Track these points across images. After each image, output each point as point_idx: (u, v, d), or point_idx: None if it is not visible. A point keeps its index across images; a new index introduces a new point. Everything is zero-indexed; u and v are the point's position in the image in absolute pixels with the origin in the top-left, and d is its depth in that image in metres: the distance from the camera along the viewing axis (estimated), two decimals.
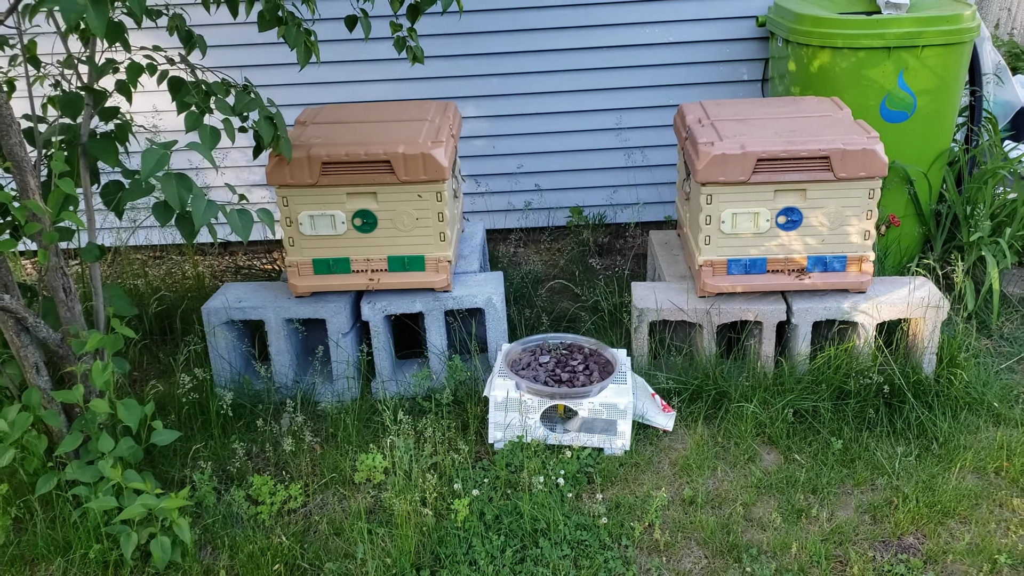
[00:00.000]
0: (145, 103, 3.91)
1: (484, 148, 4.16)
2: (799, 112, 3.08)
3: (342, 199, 2.83)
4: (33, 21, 2.42)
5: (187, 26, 2.53)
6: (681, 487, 2.56)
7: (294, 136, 2.91)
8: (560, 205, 4.28)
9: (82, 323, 2.43)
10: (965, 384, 2.85)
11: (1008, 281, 3.65)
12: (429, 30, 3.84)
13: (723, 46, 3.97)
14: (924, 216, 3.61)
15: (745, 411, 2.76)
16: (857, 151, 2.72)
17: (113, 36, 2.17)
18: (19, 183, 2.23)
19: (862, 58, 3.31)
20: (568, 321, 3.51)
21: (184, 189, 2.11)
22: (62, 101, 2.40)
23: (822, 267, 2.88)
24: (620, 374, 2.76)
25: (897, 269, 3.59)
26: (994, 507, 2.45)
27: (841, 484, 2.55)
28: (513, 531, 2.35)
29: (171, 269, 4.01)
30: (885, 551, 2.31)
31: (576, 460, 2.61)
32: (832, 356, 2.86)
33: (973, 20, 3.35)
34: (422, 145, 2.78)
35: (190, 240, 2.18)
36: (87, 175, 2.42)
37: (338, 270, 2.93)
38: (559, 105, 4.08)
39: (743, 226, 2.84)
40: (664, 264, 3.27)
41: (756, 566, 2.25)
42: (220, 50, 3.83)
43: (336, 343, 2.96)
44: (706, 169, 2.76)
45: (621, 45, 3.97)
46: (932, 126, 3.45)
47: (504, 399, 2.69)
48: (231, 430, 2.81)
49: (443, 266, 2.94)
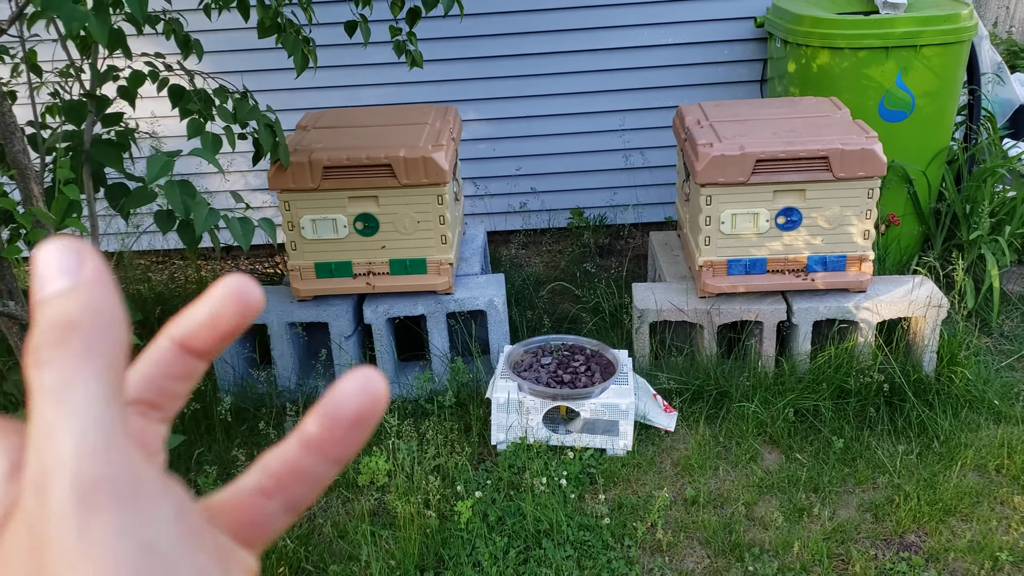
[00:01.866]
0: (144, 109, 3.92)
1: (485, 151, 4.17)
2: (797, 112, 3.09)
3: (343, 203, 2.85)
4: (32, 29, 2.43)
5: (184, 31, 2.55)
6: (683, 487, 2.57)
7: (295, 141, 2.93)
8: (561, 207, 4.29)
9: None
10: (966, 382, 2.85)
11: (1008, 279, 3.66)
12: (431, 34, 3.86)
13: (721, 47, 3.98)
14: (923, 215, 3.62)
15: (746, 411, 2.77)
16: (856, 151, 2.73)
17: (115, 43, 2.19)
18: (23, 190, 2.25)
19: (861, 58, 3.32)
20: (569, 322, 3.52)
21: (187, 196, 2.12)
22: (65, 108, 2.41)
23: (822, 267, 2.89)
24: (622, 375, 2.77)
25: (897, 268, 3.60)
26: (995, 505, 2.45)
27: (842, 483, 2.56)
28: (516, 532, 2.37)
29: (174, 274, 4.03)
30: (887, 549, 2.32)
31: (578, 461, 2.62)
32: (833, 355, 2.87)
33: (971, 19, 3.36)
34: (423, 149, 2.79)
35: (192, 248, 2.19)
36: (90, 182, 2.44)
37: (340, 274, 2.95)
38: (559, 108, 4.09)
39: (743, 227, 2.85)
40: (664, 265, 3.28)
41: (758, 565, 2.26)
42: (220, 55, 3.85)
43: (339, 346, 2.97)
44: (705, 170, 2.77)
45: (620, 47, 3.98)
46: (931, 125, 3.46)
47: (506, 401, 2.70)
48: (234, 434, 2.82)
49: (445, 269, 2.95)
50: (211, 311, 0.30)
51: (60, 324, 0.25)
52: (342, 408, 0.29)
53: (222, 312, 0.30)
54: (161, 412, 0.31)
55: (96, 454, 0.24)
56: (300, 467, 0.30)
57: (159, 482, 0.25)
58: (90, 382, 0.25)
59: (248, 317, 0.30)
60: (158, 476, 0.26)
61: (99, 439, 0.24)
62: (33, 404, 0.25)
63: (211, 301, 0.30)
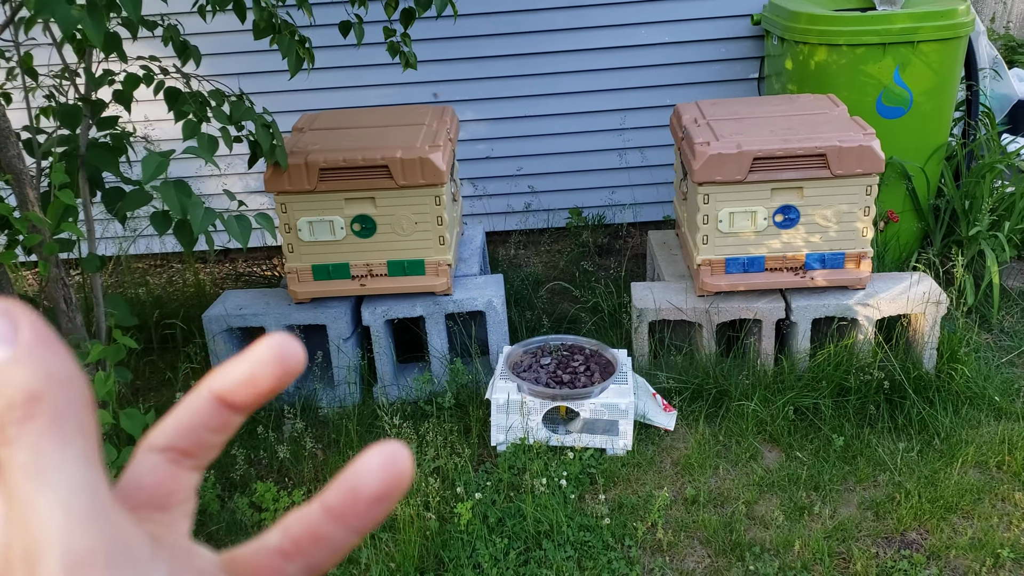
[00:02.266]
0: (138, 113, 3.91)
1: (483, 151, 4.16)
2: (795, 110, 3.08)
3: (340, 204, 2.84)
4: (29, 33, 2.43)
5: (181, 36, 2.54)
6: (683, 486, 2.56)
7: (291, 143, 2.92)
8: (559, 207, 4.28)
9: (84, 334, 2.43)
10: (966, 379, 2.85)
11: (1008, 275, 3.65)
12: (427, 34, 3.85)
13: (718, 45, 3.98)
14: (922, 211, 3.61)
15: (746, 409, 2.77)
16: (853, 148, 2.73)
17: (110, 47, 2.18)
18: (18, 195, 2.24)
19: (858, 55, 3.31)
20: (569, 322, 3.51)
21: (183, 196, 2.12)
22: (60, 112, 2.41)
23: (821, 264, 2.89)
24: (621, 374, 2.76)
25: (896, 265, 3.59)
26: (996, 501, 2.45)
27: (843, 481, 2.55)
28: (516, 533, 2.36)
29: (172, 277, 4.02)
30: (888, 547, 2.31)
31: (578, 461, 2.62)
32: (832, 353, 2.86)
33: (968, 15, 3.36)
34: (420, 149, 2.78)
35: (189, 249, 2.19)
36: (86, 186, 2.43)
37: (338, 276, 2.94)
38: (556, 107, 4.09)
39: (741, 225, 2.84)
40: (663, 264, 3.27)
41: (759, 564, 2.25)
42: (216, 58, 3.84)
43: (337, 348, 2.97)
44: (702, 169, 2.77)
45: (617, 46, 3.97)
46: (929, 121, 3.45)
47: (506, 401, 2.69)
48: (233, 436, 2.82)
49: (443, 270, 2.94)
50: (251, 369, 0.30)
51: (20, 399, 0.25)
52: (364, 484, 0.29)
53: (261, 371, 0.30)
54: (194, 460, 0.32)
55: (83, 524, 0.24)
56: (320, 533, 0.30)
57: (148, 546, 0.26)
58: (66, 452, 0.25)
59: (287, 378, 0.30)
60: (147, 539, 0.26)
61: (85, 508, 0.24)
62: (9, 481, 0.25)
63: (252, 359, 0.30)
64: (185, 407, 0.31)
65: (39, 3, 1.67)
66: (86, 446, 0.25)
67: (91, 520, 0.24)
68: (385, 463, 0.29)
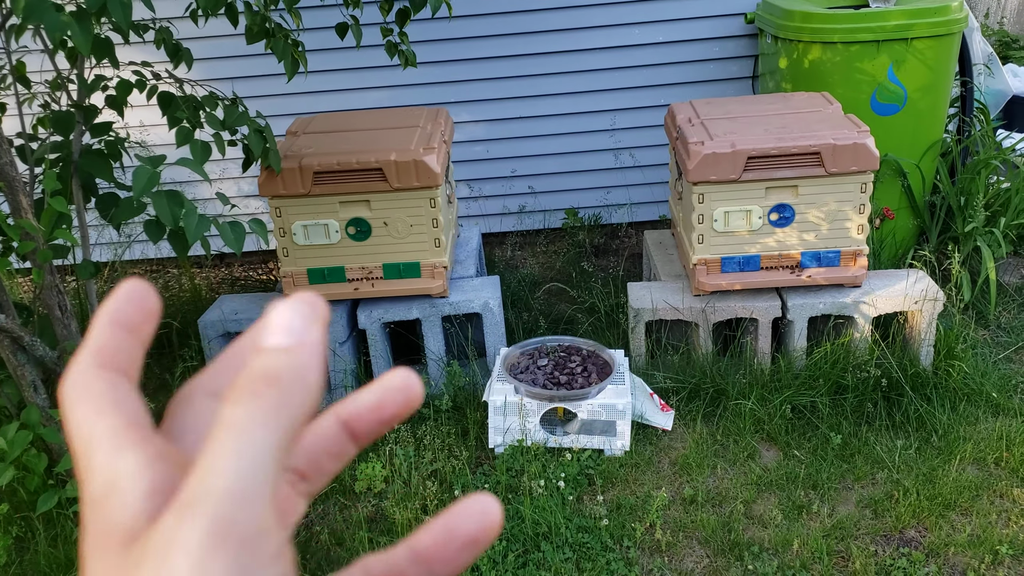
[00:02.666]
0: (132, 118, 3.91)
1: (478, 153, 4.16)
2: (789, 108, 3.08)
3: (335, 208, 2.84)
4: (20, 41, 2.42)
5: (174, 40, 2.54)
6: (681, 486, 2.56)
7: (285, 146, 2.92)
8: (555, 207, 4.28)
9: (79, 340, 2.43)
10: (963, 375, 2.85)
11: (1004, 271, 3.65)
12: (421, 36, 3.85)
13: (712, 44, 3.98)
14: (918, 208, 3.61)
15: (743, 408, 2.76)
16: (848, 145, 2.73)
17: (100, 53, 2.18)
18: (11, 202, 2.24)
19: (852, 52, 3.31)
20: (565, 323, 3.51)
21: (176, 205, 2.11)
22: (53, 119, 2.40)
23: (816, 262, 2.89)
24: (618, 375, 2.76)
25: (892, 262, 3.59)
26: (995, 498, 2.45)
27: (841, 479, 2.55)
28: (515, 535, 2.36)
29: (167, 283, 4.02)
30: (887, 545, 2.31)
31: (576, 462, 2.62)
32: (829, 351, 2.86)
33: (961, 11, 3.36)
34: (414, 152, 2.78)
35: (183, 256, 2.18)
36: (79, 192, 2.43)
37: (333, 279, 2.94)
38: (551, 108, 4.08)
39: (736, 224, 2.84)
40: (659, 264, 3.27)
41: (758, 563, 2.25)
42: (210, 62, 3.84)
43: (333, 352, 2.96)
44: (697, 168, 2.76)
45: (611, 47, 3.97)
46: (923, 118, 3.45)
47: (503, 403, 2.69)
48: None
49: (439, 272, 2.94)
50: (378, 398, 0.32)
51: (264, 376, 0.27)
52: (461, 527, 0.31)
53: (388, 400, 0.32)
54: (307, 485, 0.33)
55: (241, 498, 0.26)
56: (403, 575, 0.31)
57: (278, 546, 0.27)
58: (267, 434, 0.27)
59: (409, 408, 0.32)
60: (281, 540, 0.27)
61: (249, 486, 0.26)
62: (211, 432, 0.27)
63: (379, 388, 0.32)
64: (311, 430, 0.33)
65: (27, 9, 1.67)
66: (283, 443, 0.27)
67: (250, 499, 0.26)
68: (482, 511, 0.31)
